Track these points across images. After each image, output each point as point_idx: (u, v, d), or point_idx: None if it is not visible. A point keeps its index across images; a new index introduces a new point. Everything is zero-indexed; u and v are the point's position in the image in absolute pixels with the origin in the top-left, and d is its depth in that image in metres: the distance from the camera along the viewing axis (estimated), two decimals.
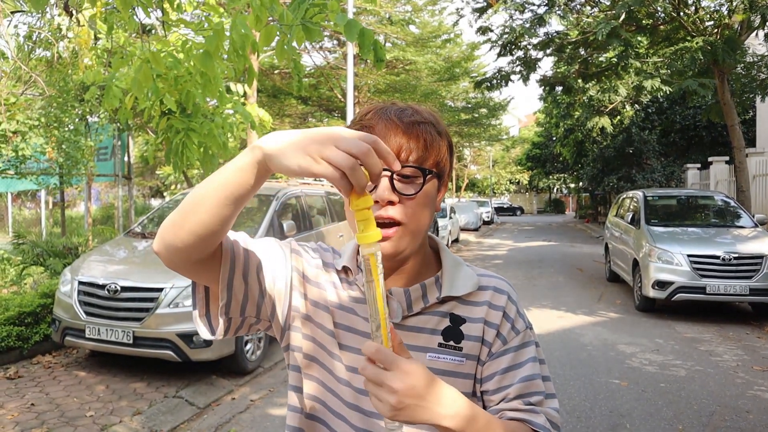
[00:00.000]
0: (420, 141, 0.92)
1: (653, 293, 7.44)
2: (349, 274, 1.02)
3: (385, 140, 0.90)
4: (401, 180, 0.91)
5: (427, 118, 0.95)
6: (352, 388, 0.97)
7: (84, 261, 5.22)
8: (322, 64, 19.57)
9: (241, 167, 0.77)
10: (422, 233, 0.96)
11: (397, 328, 0.96)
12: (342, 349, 0.98)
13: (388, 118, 0.93)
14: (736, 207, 9.00)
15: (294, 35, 2.24)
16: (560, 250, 16.59)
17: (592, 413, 4.28)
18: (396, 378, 0.74)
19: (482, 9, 12.16)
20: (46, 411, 4.13)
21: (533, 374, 0.97)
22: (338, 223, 7.76)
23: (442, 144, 0.96)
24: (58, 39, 7.69)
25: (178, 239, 0.84)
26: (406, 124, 0.92)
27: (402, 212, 0.91)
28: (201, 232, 0.83)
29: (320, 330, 1.00)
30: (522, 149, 46.04)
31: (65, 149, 8.47)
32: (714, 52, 9.58)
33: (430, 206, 0.95)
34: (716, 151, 17.88)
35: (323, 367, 0.99)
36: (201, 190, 0.81)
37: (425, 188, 0.93)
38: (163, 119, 4.52)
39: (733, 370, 5.34)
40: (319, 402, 1.00)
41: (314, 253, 1.07)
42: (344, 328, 0.99)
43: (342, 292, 1.01)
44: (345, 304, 1.00)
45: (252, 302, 0.97)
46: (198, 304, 0.97)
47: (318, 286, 1.02)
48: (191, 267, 0.89)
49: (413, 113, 0.95)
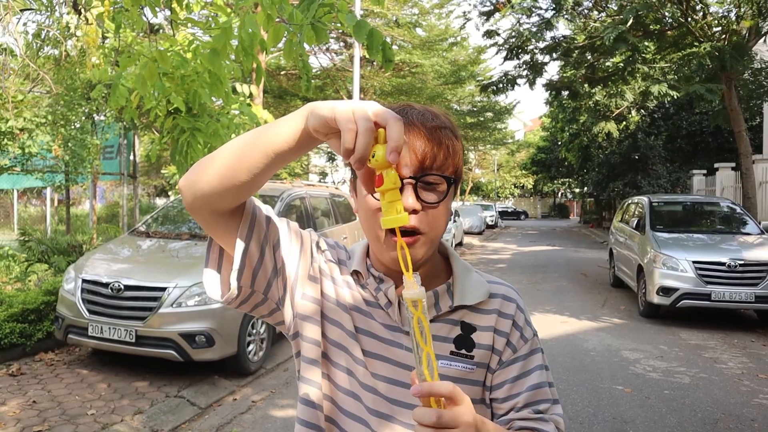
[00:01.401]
0: (443, 147, 0.90)
1: (658, 299, 7.40)
2: (360, 278, 1.01)
3: (408, 144, 0.88)
4: (424, 188, 0.89)
5: (446, 123, 0.94)
6: (377, 395, 0.95)
7: (88, 259, 5.23)
8: (329, 66, 19.59)
9: (288, 122, 0.77)
10: (439, 240, 0.95)
11: (407, 335, 0.95)
12: (366, 356, 0.97)
13: (411, 121, 0.90)
14: (742, 213, 8.95)
15: (304, 35, 2.23)
16: (564, 254, 16.54)
17: (595, 419, 4.25)
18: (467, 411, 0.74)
19: (489, 12, 12.16)
20: (47, 408, 4.13)
21: (541, 382, 0.98)
22: (342, 225, 7.75)
23: (460, 150, 0.94)
24: (67, 37, 7.72)
25: (204, 180, 0.83)
26: (429, 129, 0.90)
27: (424, 221, 0.89)
28: (228, 178, 0.81)
29: (338, 329, 0.98)
30: (527, 153, 45.96)
31: (71, 147, 8.50)
32: (722, 58, 9.55)
33: (447, 213, 0.94)
34: (722, 158, 17.79)
35: (339, 367, 0.98)
36: (242, 138, 0.81)
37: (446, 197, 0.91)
38: (168, 118, 4.52)
39: (738, 377, 5.30)
40: (331, 401, 0.99)
41: (332, 249, 1.05)
42: (365, 333, 0.98)
43: (356, 294, 1.00)
44: (362, 308, 0.99)
45: (264, 275, 0.94)
46: (210, 264, 0.95)
47: (335, 282, 1.01)
48: (210, 217, 0.88)
49: (433, 117, 0.93)
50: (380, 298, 0.97)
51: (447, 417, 0.71)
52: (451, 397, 0.72)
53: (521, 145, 46.86)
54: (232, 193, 0.83)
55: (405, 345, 0.95)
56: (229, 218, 0.89)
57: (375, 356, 0.96)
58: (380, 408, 0.95)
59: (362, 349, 0.97)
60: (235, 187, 0.82)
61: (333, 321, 0.99)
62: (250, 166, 0.80)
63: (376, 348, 0.96)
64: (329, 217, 7.58)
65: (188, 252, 5.37)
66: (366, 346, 0.97)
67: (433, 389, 0.71)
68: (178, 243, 5.60)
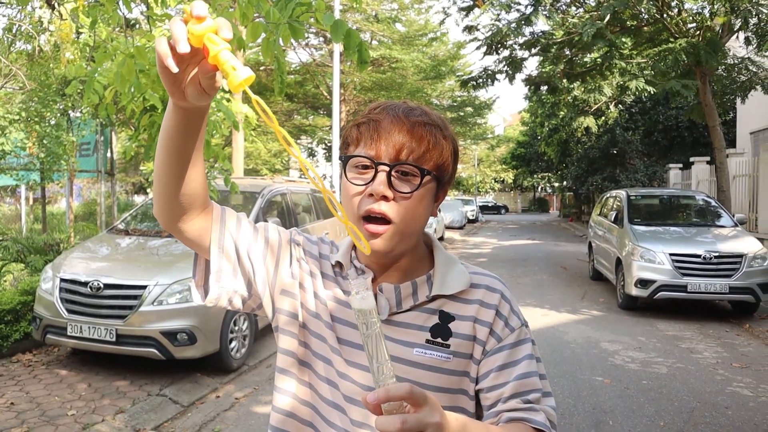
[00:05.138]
0: (423, 141, 0.92)
1: (636, 291, 7.53)
2: (342, 269, 1.03)
3: (388, 135, 0.92)
4: (399, 177, 0.91)
5: (435, 121, 0.96)
6: (353, 384, 0.96)
7: (66, 258, 5.15)
8: (308, 61, 19.49)
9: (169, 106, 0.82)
10: (414, 235, 0.96)
11: (384, 324, 0.96)
12: (341, 344, 0.98)
13: (396, 114, 0.94)
14: (716, 207, 9.14)
15: (280, 34, 2.22)
16: (544, 248, 16.72)
17: (575, 410, 4.32)
18: (433, 412, 0.68)
19: (468, 8, 12.20)
20: (26, 410, 4.07)
21: (530, 372, 0.96)
22: (324, 221, 7.74)
23: (446, 148, 0.96)
24: (39, 32, 7.56)
25: (157, 188, 0.92)
26: (412, 122, 0.93)
27: (395, 210, 0.91)
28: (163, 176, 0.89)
29: (316, 320, 1.00)
30: (507, 148, 46.25)
31: (47, 144, 8.33)
32: (696, 53, 9.71)
33: (425, 209, 0.95)
34: (698, 152, 18.12)
35: (318, 356, 1.00)
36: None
37: (421, 189, 0.92)
38: (145, 115, 4.46)
39: (713, 367, 5.42)
40: (310, 388, 1.00)
41: (313, 244, 1.08)
42: (341, 322, 1.00)
43: (335, 287, 1.03)
44: (340, 299, 1.01)
45: (244, 276, 1.00)
46: (197, 275, 1.03)
47: (312, 276, 1.03)
48: (183, 231, 0.95)
49: (421, 114, 0.95)
50: None
51: (412, 421, 0.65)
52: (411, 399, 0.66)
53: (501, 140, 47.15)
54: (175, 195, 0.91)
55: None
56: (197, 224, 0.96)
57: (350, 344, 0.98)
58: (355, 396, 0.95)
59: (338, 337, 0.98)
60: (173, 183, 0.89)
61: (311, 313, 1.01)
62: (163, 162, 0.88)
63: (351, 336, 0.98)
64: (310, 212, 7.56)
65: (168, 249, 5.31)
66: (341, 334, 0.99)
67: (389, 394, 0.66)
68: (157, 240, 5.54)
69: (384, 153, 0.91)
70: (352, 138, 0.96)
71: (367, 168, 0.92)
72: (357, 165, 0.93)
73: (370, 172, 0.92)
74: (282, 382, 1.03)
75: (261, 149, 25.14)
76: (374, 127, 0.93)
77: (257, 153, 25.23)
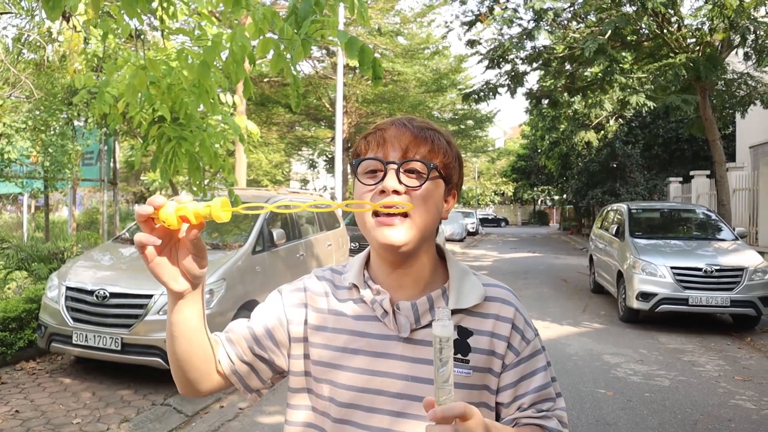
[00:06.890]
0: (427, 142, 0.98)
1: (637, 304, 7.54)
2: (355, 291, 1.04)
3: (394, 141, 0.97)
4: (407, 174, 0.96)
5: (439, 129, 1.02)
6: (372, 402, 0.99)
7: (72, 266, 5.18)
8: (311, 73, 19.61)
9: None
10: (428, 231, 0.99)
11: (405, 342, 0.98)
12: (359, 373, 1.00)
13: (401, 122, 1.00)
14: (717, 220, 9.18)
15: (296, 51, 2.27)
16: (545, 261, 16.73)
17: (578, 422, 4.33)
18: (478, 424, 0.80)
19: (471, 23, 12.32)
20: (31, 418, 4.07)
21: (545, 383, 1.03)
22: (327, 232, 7.78)
23: (450, 152, 1.01)
24: (48, 42, 7.65)
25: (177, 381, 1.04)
26: (416, 127, 0.99)
27: (407, 200, 0.95)
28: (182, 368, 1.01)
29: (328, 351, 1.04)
30: (507, 161, 46.39)
31: (51, 153, 8.39)
32: (696, 68, 9.81)
33: (435, 204, 0.98)
34: (698, 165, 18.21)
35: (317, 393, 1.04)
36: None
37: (429, 183, 0.96)
38: (153, 127, 4.51)
39: (715, 380, 5.44)
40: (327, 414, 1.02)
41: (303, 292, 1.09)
42: (357, 352, 1.02)
43: (347, 315, 1.04)
44: (354, 329, 1.03)
45: (272, 370, 1.08)
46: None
47: (317, 311, 1.07)
48: (197, 392, 1.05)
49: (424, 123, 1.01)
50: (376, 309, 1.00)
51: (462, 430, 0.77)
52: (463, 415, 0.78)
53: (501, 152, 47.30)
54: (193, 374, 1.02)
55: (399, 354, 0.98)
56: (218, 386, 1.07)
57: (368, 372, 1.00)
58: (376, 404, 0.99)
59: (354, 367, 1.00)
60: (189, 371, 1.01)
61: (320, 345, 1.05)
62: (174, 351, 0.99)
63: (368, 364, 1.00)
64: (314, 224, 7.60)
65: None
66: (358, 364, 1.00)
67: (452, 412, 0.77)
68: None
69: (391, 154, 0.96)
70: (361, 149, 1.01)
71: (377, 172, 0.97)
72: (367, 171, 0.98)
73: (380, 175, 0.96)
74: (295, 400, 1.06)
75: (262, 160, 25.23)
76: (381, 135, 0.99)
77: (258, 164, 25.32)
